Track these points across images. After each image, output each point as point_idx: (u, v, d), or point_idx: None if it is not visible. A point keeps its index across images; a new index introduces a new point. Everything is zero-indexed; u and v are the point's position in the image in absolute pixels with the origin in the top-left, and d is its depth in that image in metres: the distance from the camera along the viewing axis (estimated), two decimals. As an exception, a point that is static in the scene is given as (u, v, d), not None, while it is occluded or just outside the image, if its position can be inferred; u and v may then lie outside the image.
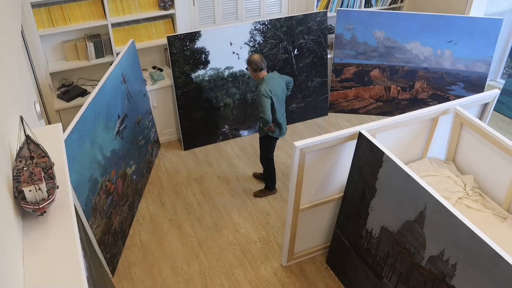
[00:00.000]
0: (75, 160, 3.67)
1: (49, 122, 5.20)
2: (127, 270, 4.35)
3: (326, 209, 4.14)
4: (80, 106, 3.96)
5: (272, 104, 4.46)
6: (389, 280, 3.52)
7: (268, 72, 4.57)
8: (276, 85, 4.49)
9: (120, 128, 4.62)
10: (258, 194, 5.16)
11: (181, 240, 4.62)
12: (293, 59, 5.97)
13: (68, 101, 5.18)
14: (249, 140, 6.01)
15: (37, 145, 2.06)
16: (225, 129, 5.94)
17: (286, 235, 4.12)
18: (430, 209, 2.97)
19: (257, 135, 6.06)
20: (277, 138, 4.83)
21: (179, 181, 5.37)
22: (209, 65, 5.55)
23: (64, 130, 3.56)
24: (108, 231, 4.22)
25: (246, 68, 4.70)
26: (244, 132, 6.08)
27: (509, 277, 2.51)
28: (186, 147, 5.85)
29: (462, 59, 6.04)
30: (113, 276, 4.28)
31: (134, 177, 4.93)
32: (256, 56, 4.50)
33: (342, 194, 3.93)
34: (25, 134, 1.97)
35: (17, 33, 3.49)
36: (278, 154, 5.74)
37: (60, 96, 5.23)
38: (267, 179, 5.11)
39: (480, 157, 3.94)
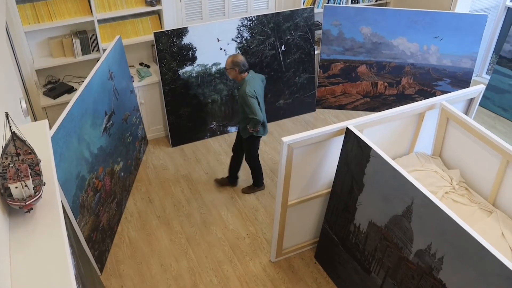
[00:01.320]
0: (62, 157, 3.64)
1: (35, 119, 5.15)
2: (116, 267, 4.33)
3: (314, 205, 4.15)
4: (67, 103, 3.93)
5: (258, 103, 4.45)
6: (377, 274, 3.55)
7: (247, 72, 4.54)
8: (257, 84, 4.49)
9: (108, 125, 4.59)
10: (246, 191, 5.14)
11: (170, 237, 4.61)
12: (281, 55, 5.98)
13: (54, 98, 5.13)
14: (237, 136, 6.01)
15: (23, 141, 2.04)
16: (213, 126, 5.94)
17: (274, 231, 4.13)
18: (417, 204, 2.99)
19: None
20: (261, 137, 4.81)
21: (167, 177, 5.35)
22: (196, 61, 5.53)
23: (50, 127, 3.53)
24: (96, 228, 4.20)
25: (225, 69, 4.52)
26: (232, 129, 6.07)
27: (495, 270, 2.54)
28: (174, 144, 5.83)
29: (448, 55, 6.09)
30: (101, 273, 4.26)
31: (122, 174, 4.91)
32: (241, 57, 4.42)
33: (330, 189, 3.94)
34: (11, 130, 1.95)
35: (1, 29, 3.45)
36: (266, 150, 5.75)
37: (46, 93, 5.18)
38: (255, 176, 5.10)
39: (466, 152, 3.98)
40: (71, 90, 5.25)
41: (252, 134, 4.65)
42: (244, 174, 5.28)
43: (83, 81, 4.22)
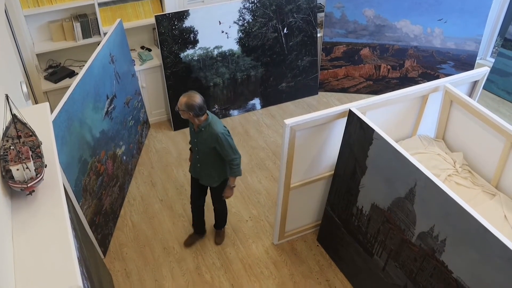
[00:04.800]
0: (64, 141, 3.64)
1: (36, 103, 5.13)
2: (119, 251, 4.35)
3: (317, 187, 4.15)
4: (68, 87, 3.90)
5: None
6: (380, 256, 3.56)
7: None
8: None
9: (109, 109, 4.57)
10: (221, 241, 4.44)
11: (172, 220, 4.62)
12: (283, 38, 5.93)
13: (55, 82, 5.11)
14: (239, 119, 5.99)
15: (24, 124, 2.03)
16: (215, 109, 5.91)
17: (277, 214, 4.13)
18: (420, 186, 2.98)
19: (247, 115, 6.06)
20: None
21: (170, 161, 5.35)
22: (198, 44, 5.49)
23: (52, 112, 3.52)
24: (99, 212, 4.21)
25: (177, 109, 3.66)
26: (234, 112, 6.05)
27: (497, 251, 2.54)
28: (176, 128, 5.81)
29: (452, 38, 6.03)
30: (104, 256, 4.28)
31: (124, 158, 4.91)
32: (198, 99, 3.55)
33: (333, 172, 3.94)
34: (11, 113, 1.94)
35: (0, 12, 3.43)
36: (269, 133, 5.74)
37: (47, 78, 5.16)
38: (225, 217, 4.40)
39: (470, 135, 3.96)
40: (72, 74, 5.22)
41: (226, 178, 3.95)
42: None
43: (84, 65, 4.20)
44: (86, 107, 4.10)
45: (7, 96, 1.84)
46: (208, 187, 4.11)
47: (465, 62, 6.13)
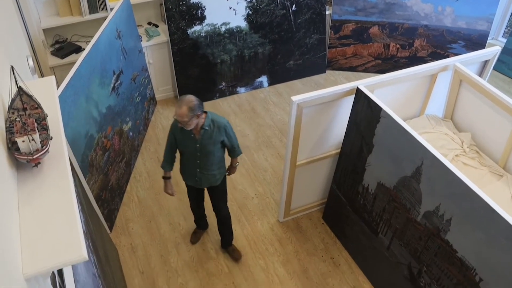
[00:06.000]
0: (70, 116, 3.64)
1: (43, 78, 5.13)
2: (125, 226, 4.38)
3: (323, 165, 4.14)
4: (75, 62, 3.89)
5: None
6: (385, 235, 3.56)
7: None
8: None
9: (116, 85, 4.56)
10: (240, 255, 4.13)
11: (178, 196, 4.63)
12: (291, 15, 5.86)
13: (62, 57, 5.09)
14: (246, 97, 5.96)
15: (30, 96, 2.02)
16: (222, 86, 5.88)
17: (283, 191, 4.14)
18: (427, 165, 2.97)
19: (255, 93, 6.03)
20: None
21: (176, 138, 5.34)
22: (205, 20, 5.44)
23: (58, 87, 3.52)
24: (105, 187, 4.23)
25: (182, 123, 3.25)
26: (241, 89, 6.02)
27: (503, 232, 2.53)
28: (183, 105, 5.79)
29: (464, 17, 5.93)
30: (111, 231, 4.32)
31: (131, 134, 4.91)
32: (191, 97, 3.27)
33: (339, 150, 3.92)
34: (17, 85, 1.93)
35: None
36: (276, 111, 5.71)
37: (54, 53, 5.14)
38: (230, 226, 4.08)
39: (478, 115, 3.92)
40: (79, 49, 5.20)
41: (224, 173, 3.76)
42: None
43: (90, 41, 4.17)
44: (93, 82, 4.09)
45: (12, 68, 1.83)
46: (204, 190, 3.91)
47: (476, 42, 6.04)
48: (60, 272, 2.08)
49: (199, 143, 3.46)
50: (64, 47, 5.20)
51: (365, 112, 3.41)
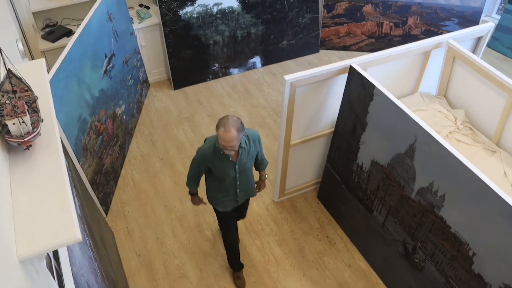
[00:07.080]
0: (62, 99, 3.61)
1: (34, 62, 5.07)
2: (121, 209, 4.39)
3: (317, 145, 4.14)
4: (66, 46, 3.85)
5: None
6: (379, 213, 3.58)
7: None
8: None
9: (108, 68, 4.53)
10: (244, 284, 3.85)
11: (173, 179, 4.64)
12: (284, -5, 5.81)
13: (53, 41, 5.04)
14: (239, 78, 5.93)
15: (19, 79, 2.00)
16: (215, 68, 5.85)
17: (277, 171, 4.15)
18: (420, 142, 2.97)
19: (248, 73, 6.00)
20: None
21: (170, 120, 5.33)
22: (197, 1, 5.38)
23: (49, 71, 3.48)
24: (100, 171, 4.23)
25: (232, 147, 2.87)
26: (235, 70, 5.99)
27: (496, 207, 2.55)
28: (176, 87, 5.77)
29: (457, -7, 5.90)
30: (106, 215, 4.32)
31: (124, 117, 4.89)
32: (233, 116, 2.87)
33: (333, 129, 3.92)
34: (6, 68, 1.91)
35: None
36: (269, 92, 5.70)
37: (44, 37, 5.08)
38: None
39: (472, 92, 3.92)
40: (70, 33, 5.15)
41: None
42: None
43: (81, 24, 4.12)
44: (85, 65, 4.05)
45: (0, 50, 1.81)
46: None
47: (470, 19, 6.01)
48: (56, 255, 2.08)
49: (238, 164, 3.13)
50: (54, 30, 5.14)
51: (359, 90, 3.41)
